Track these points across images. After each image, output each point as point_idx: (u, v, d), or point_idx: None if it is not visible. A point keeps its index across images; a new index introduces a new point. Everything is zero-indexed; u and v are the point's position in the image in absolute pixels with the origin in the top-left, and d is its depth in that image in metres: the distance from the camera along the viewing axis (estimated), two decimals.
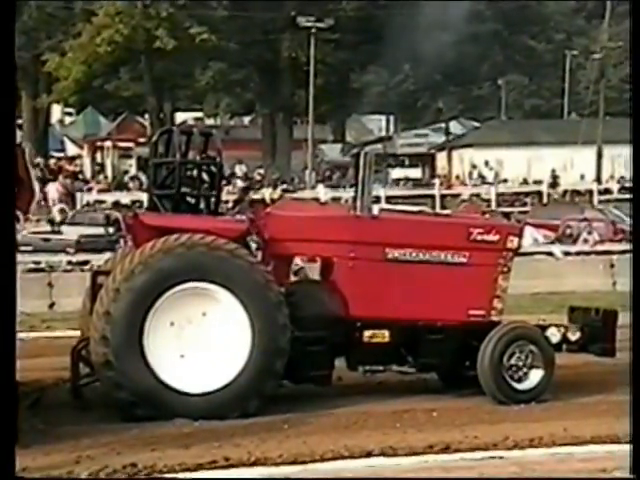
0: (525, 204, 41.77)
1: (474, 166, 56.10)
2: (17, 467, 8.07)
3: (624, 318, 11.84)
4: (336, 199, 34.94)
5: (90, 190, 40.76)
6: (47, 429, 9.17)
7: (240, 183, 39.21)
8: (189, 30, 45.69)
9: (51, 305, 17.95)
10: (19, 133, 48.80)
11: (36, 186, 9.80)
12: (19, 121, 49.96)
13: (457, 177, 54.91)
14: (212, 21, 46.59)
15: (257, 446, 8.75)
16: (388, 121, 64.86)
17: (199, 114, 62.23)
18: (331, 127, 62.94)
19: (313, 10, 47.97)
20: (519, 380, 10.69)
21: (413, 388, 11.10)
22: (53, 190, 37.17)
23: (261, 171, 46.81)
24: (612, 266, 23.00)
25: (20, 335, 11.55)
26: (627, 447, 8.52)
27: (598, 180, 51.09)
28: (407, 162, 57.02)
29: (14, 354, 7.72)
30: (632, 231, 13.14)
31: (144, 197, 15.94)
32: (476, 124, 66.48)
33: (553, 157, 53.45)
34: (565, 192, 47.49)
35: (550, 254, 26.13)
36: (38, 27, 47.96)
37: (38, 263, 23.36)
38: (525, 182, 51.31)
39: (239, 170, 46.03)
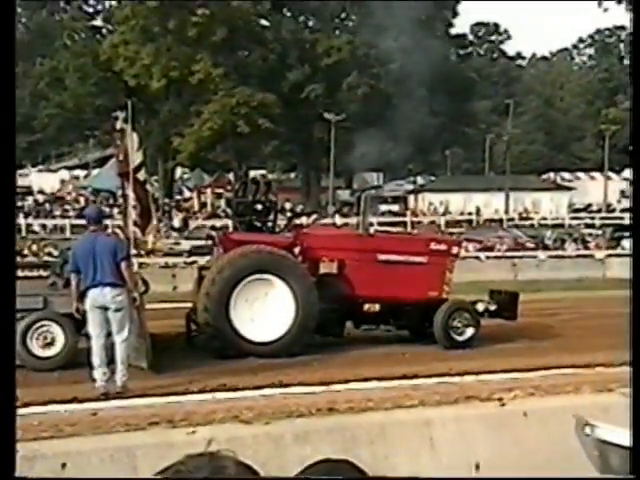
0: (462, 227, 41.69)
1: (431, 204, 56.03)
2: (149, 385, 8.13)
3: (523, 297, 11.92)
4: (347, 224, 34.87)
5: (197, 218, 41.17)
6: (171, 362, 9.20)
7: (288, 214, 39.26)
8: (258, 121, 45.97)
9: (174, 288, 17.99)
10: (156, 185, 49.07)
11: (154, 214, 9.75)
12: (156, 177, 50.21)
13: (421, 211, 54.75)
14: (272, 115, 46.85)
15: (299, 374, 8.79)
16: (379, 176, 64.66)
17: (264, 172, 62.39)
18: (344, 179, 62.84)
19: (333, 108, 48.25)
20: (459, 334, 10.68)
21: (394, 339, 11.08)
22: (175, 217, 38.83)
23: (301, 206, 46.86)
24: (514, 265, 22.92)
25: (155, 306, 11.64)
26: (525, 375, 8.48)
27: (506, 212, 51.21)
28: (390, 201, 56.80)
29: (14, 361, 6.49)
30: (632, 231, 12.47)
31: (230, 223, 16.01)
32: (432, 178, 66.41)
33: (479, 199, 53.54)
34: (486, 220, 47.53)
35: (477, 258, 26.09)
36: (168, 122, 48.47)
37: (166, 262, 23.49)
38: (462, 214, 51.28)
39: (287, 205, 46.06)
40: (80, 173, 56.84)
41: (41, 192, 49.66)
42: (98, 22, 54.61)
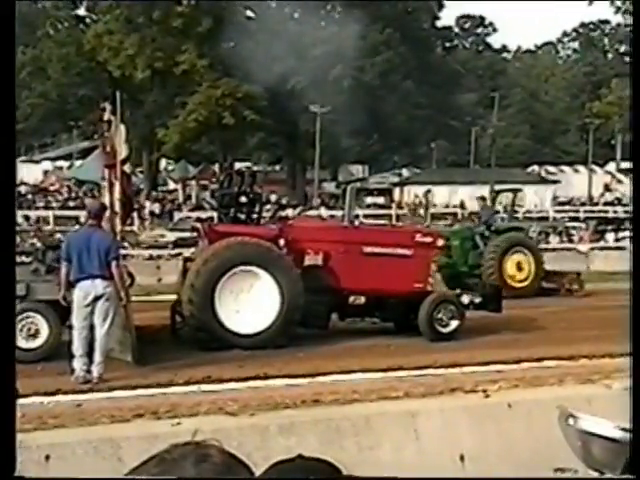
0: (447, 219, 41.77)
1: (416, 196, 56.01)
2: (134, 377, 8.09)
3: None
4: (332, 216, 34.84)
5: (181, 210, 40.92)
6: (156, 354, 9.16)
7: (273, 206, 39.10)
8: (243, 113, 45.85)
9: (159, 280, 17.89)
10: (140, 176, 48.71)
11: (134, 204, 9.77)
12: (140, 168, 49.92)
13: (406, 203, 54.77)
14: (257, 107, 46.76)
15: (284, 366, 8.78)
16: (364, 168, 64.60)
17: (249, 163, 62.22)
18: (329, 171, 62.79)
19: (318, 100, 48.15)
20: (444, 327, 10.66)
21: (379, 331, 11.08)
22: (156, 206, 39.58)
23: (286, 198, 46.77)
24: None
25: (140, 298, 11.58)
26: (510, 367, 8.52)
27: (491, 205, 51.16)
28: (375, 193, 56.71)
29: (14, 364, 6.49)
30: (632, 229, 12.28)
31: (215, 214, 15.90)
32: (417, 170, 66.43)
33: (463, 191, 53.50)
34: (470, 213, 47.58)
35: None
36: (154, 114, 48.22)
37: (151, 254, 23.33)
38: (447, 206, 51.31)
39: (272, 197, 45.90)
40: (63, 164, 56.39)
41: (24, 183, 49.22)
42: (82, 11, 54.09)
